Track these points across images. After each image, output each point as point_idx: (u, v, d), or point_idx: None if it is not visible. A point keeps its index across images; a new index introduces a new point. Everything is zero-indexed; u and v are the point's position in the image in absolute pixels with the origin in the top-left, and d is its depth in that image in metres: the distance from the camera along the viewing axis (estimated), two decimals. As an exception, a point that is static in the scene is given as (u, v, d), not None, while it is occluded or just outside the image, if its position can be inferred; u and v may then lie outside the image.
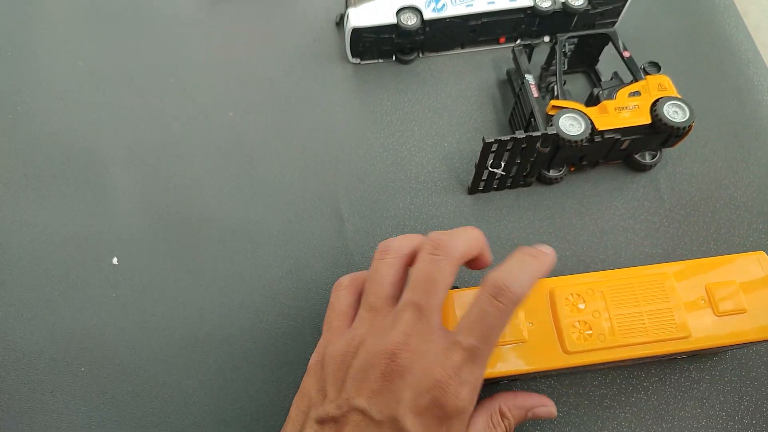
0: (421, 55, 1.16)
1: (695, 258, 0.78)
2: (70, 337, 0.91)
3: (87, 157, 1.05)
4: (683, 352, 0.76)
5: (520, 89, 1.00)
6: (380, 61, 1.16)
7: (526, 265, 0.63)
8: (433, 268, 0.64)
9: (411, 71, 1.15)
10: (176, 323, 0.92)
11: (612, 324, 0.73)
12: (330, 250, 0.97)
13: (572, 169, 1.02)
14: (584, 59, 1.11)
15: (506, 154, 0.91)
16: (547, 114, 0.96)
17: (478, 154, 0.91)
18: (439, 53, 1.17)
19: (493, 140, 0.86)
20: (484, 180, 0.97)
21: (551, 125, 0.90)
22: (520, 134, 0.86)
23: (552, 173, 1.00)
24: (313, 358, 0.69)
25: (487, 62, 1.16)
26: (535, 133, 0.87)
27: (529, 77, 1.00)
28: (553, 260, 0.66)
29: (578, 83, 1.12)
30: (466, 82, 1.14)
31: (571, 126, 0.91)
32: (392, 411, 0.58)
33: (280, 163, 1.05)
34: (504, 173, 0.94)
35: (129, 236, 0.99)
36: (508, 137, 0.86)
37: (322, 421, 0.62)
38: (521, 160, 0.93)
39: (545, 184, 1.02)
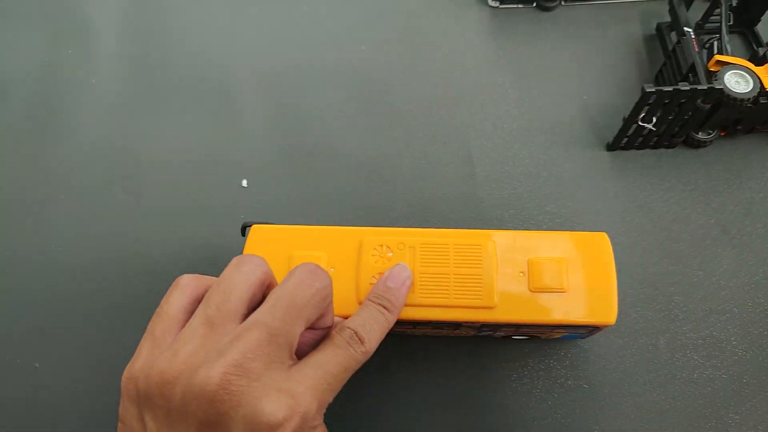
0: (563, 2, 1.10)
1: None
2: (199, 250, 0.93)
3: (222, 81, 1.06)
4: (490, 324, 0.70)
5: (678, 42, 0.93)
6: (520, 6, 1.11)
7: (381, 320, 0.63)
8: (308, 289, 0.54)
9: (551, 19, 1.10)
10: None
11: (414, 282, 0.69)
12: (459, 194, 0.95)
13: (723, 133, 0.95)
14: (744, 19, 1.02)
15: (661, 109, 0.86)
16: (708, 70, 0.89)
17: (628, 107, 0.86)
18: (583, 2, 1.10)
19: (653, 90, 0.81)
20: (628, 136, 0.92)
21: (716, 79, 0.84)
22: (684, 86, 0.81)
23: (701, 135, 0.93)
24: (126, 375, 0.55)
25: (634, 15, 1.09)
26: (700, 87, 0.81)
27: (689, 30, 0.93)
28: (403, 300, 0.66)
29: (733, 44, 1.04)
30: (610, 34, 1.08)
31: (737, 83, 0.84)
32: None
33: (409, 100, 1.03)
34: (654, 129, 0.89)
35: (258, 160, 0.99)
36: (670, 88, 0.81)
37: None
38: (675, 117, 0.87)
39: (691, 147, 0.96)
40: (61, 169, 1.00)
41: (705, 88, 0.81)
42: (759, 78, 0.84)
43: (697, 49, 0.91)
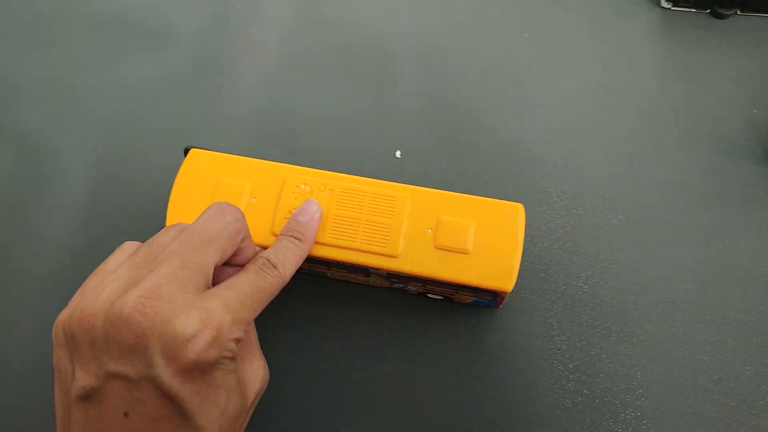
0: (739, 12, 1.06)
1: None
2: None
3: (382, 54, 1.07)
4: (397, 275, 0.74)
5: None
6: (693, 10, 1.07)
7: (293, 249, 0.68)
8: (215, 222, 0.60)
9: (725, 27, 1.07)
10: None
11: (327, 222, 0.74)
12: (616, 187, 0.93)
13: None
14: None
15: None
16: None
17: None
18: (760, 14, 1.06)
19: None
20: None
21: None
22: None
23: None
24: (56, 323, 0.58)
25: (819, 35, 1.04)
26: None
27: None
28: (315, 232, 0.71)
29: None
30: (788, 49, 1.03)
31: None
32: (147, 370, 0.51)
33: (561, 93, 1.01)
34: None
35: (412, 131, 1.00)
36: None
37: (84, 398, 0.54)
38: None
39: None
40: (218, 123, 1.02)
41: None
42: None
43: None
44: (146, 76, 1.07)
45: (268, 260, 0.64)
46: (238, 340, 0.56)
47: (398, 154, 0.99)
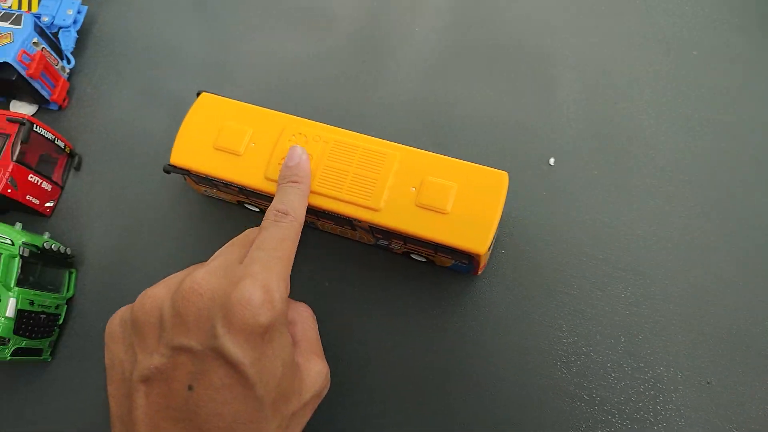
0: None
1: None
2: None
3: (540, 53, 1.05)
4: (380, 230, 0.77)
5: None
6: None
7: (295, 192, 0.73)
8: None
9: None
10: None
11: (317, 171, 0.78)
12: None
13: None
14: None
15: None
16: None
17: None
18: None
19: None
20: None
21: None
22: None
23: None
24: (114, 321, 0.64)
25: None
26: None
27: None
28: (308, 171, 0.76)
29: None
30: None
31: None
32: (210, 340, 0.56)
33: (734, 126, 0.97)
34: None
35: (567, 141, 0.98)
36: None
37: (147, 380, 0.57)
38: None
39: None
40: (366, 108, 1.03)
41: None
42: None
43: None
44: (302, 53, 1.08)
45: (277, 211, 0.69)
46: (285, 296, 0.61)
47: (552, 161, 0.97)
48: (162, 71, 1.10)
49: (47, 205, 0.99)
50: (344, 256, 0.92)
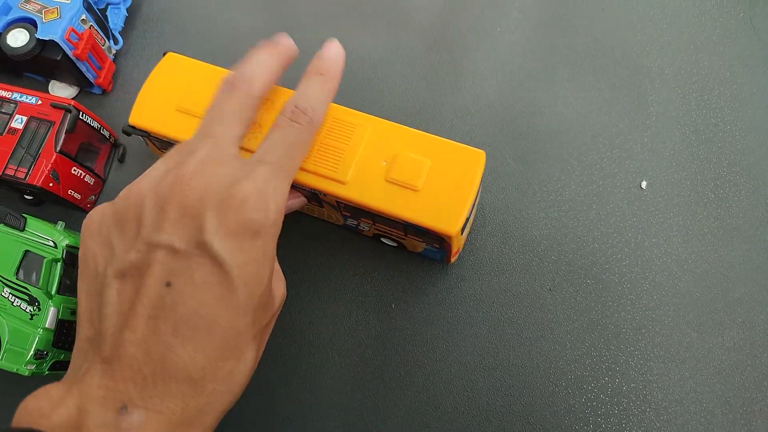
0: None
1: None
2: (571, 242, 0.87)
3: (635, 65, 0.96)
4: (348, 207, 0.73)
5: None
6: None
7: (320, 87, 0.67)
8: (227, 101, 0.62)
9: None
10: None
11: None
12: None
13: None
14: None
15: None
16: None
17: None
18: None
19: None
20: None
21: None
22: None
23: None
24: (92, 216, 0.60)
25: None
26: None
27: None
28: (339, 70, 0.70)
29: None
30: None
31: None
32: (197, 236, 0.53)
33: None
34: None
35: (662, 163, 0.89)
36: None
37: (122, 275, 0.54)
38: None
39: None
40: (444, 114, 0.95)
41: None
42: None
43: None
44: (372, 49, 0.99)
45: (296, 107, 0.64)
46: (282, 207, 0.58)
47: (644, 184, 0.88)
48: (217, 59, 0.99)
49: (89, 199, 0.91)
50: (308, 232, 0.88)
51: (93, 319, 0.56)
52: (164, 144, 0.80)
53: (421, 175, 0.70)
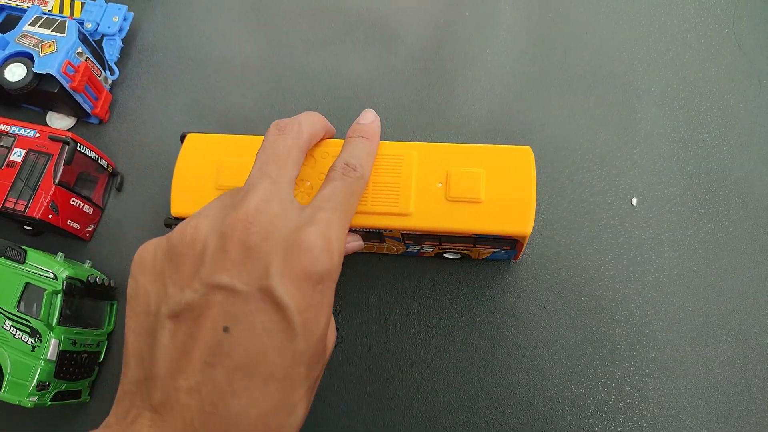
0: None
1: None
2: (564, 260, 0.88)
3: (625, 83, 0.97)
4: (412, 235, 0.74)
5: None
6: None
7: (365, 147, 0.69)
8: (279, 142, 0.63)
9: None
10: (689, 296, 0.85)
11: None
12: None
13: None
14: None
15: None
16: None
17: None
18: None
19: None
20: None
21: None
22: None
23: None
24: (145, 251, 0.58)
25: None
26: None
27: None
28: (378, 133, 0.72)
29: None
30: None
31: None
32: (260, 280, 0.51)
33: None
34: None
35: (652, 179, 0.91)
36: None
37: (176, 315, 0.52)
38: None
39: None
40: (436, 137, 0.96)
41: None
42: None
43: None
44: (364, 73, 1.01)
45: (346, 164, 0.65)
46: (342, 252, 0.57)
47: (634, 201, 0.89)
48: (212, 85, 1.02)
49: (87, 229, 0.92)
50: (368, 269, 0.89)
51: (143, 360, 0.53)
52: None
53: (479, 186, 0.71)
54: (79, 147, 0.87)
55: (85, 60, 0.94)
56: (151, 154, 0.98)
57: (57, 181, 0.84)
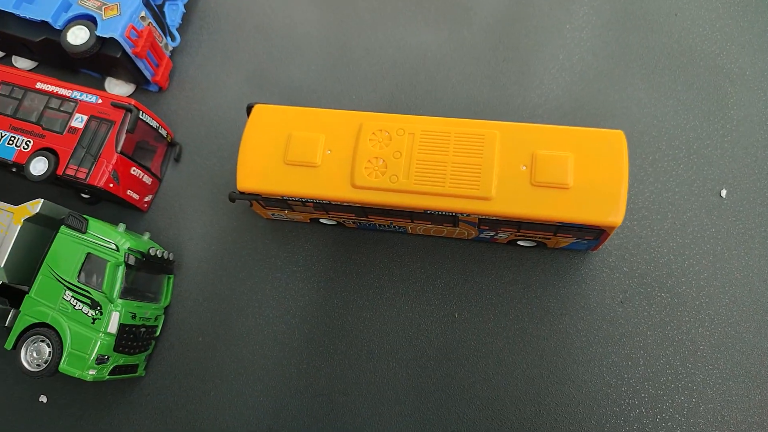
0: None
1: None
2: (645, 253, 0.82)
3: (712, 65, 0.90)
4: (488, 220, 0.69)
5: None
6: None
7: None
8: None
9: None
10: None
11: (410, 168, 0.68)
12: None
13: None
14: None
15: None
16: None
17: None
18: None
19: None
20: None
21: None
22: None
23: None
24: None
25: None
26: None
27: None
28: None
29: None
30: None
31: None
32: None
33: None
34: None
35: (743, 170, 0.84)
36: None
37: None
38: None
39: None
40: (511, 116, 0.91)
41: None
42: None
43: None
44: (434, 46, 0.96)
45: None
46: None
47: (723, 193, 0.83)
48: (274, 55, 0.98)
49: (146, 199, 0.90)
50: (437, 255, 0.85)
51: None
52: (274, 202, 0.77)
53: (567, 171, 0.67)
54: (141, 115, 0.84)
55: (148, 25, 0.90)
56: (211, 124, 0.95)
57: (119, 149, 0.81)
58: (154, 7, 0.94)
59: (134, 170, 0.85)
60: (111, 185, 0.81)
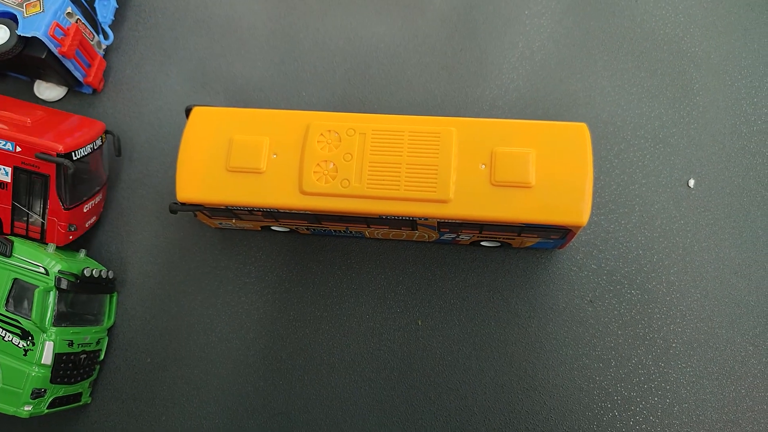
0: None
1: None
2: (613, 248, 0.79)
3: (676, 49, 0.87)
4: (448, 223, 0.66)
5: None
6: None
7: None
8: None
9: None
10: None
11: (362, 171, 0.64)
12: None
13: None
14: None
15: None
16: None
17: None
18: None
19: None
20: None
21: None
22: None
23: None
24: None
25: None
26: None
27: None
28: None
29: None
30: None
31: None
32: None
33: None
34: None
35: (711, 158, 0.82)
36: None
37: None
38: None
39: None
40: (469, 110, 0.86)
41: None
42: None
43: None
44: (387, 36, 0.91)
45: None
46: None
47: (691, 183, 0.81)
48: (217, 51, 0.92)
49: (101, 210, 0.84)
50: (396, 260, 0.80)
51: None
52: (219, 212, 0.72)
53: (529, 169, 0.63)
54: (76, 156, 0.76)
55: (76, 22, 0.83)
56: (152, 127, 0.89)
57: (67, 204, 0.76)
58: (84, 2, 0.86)
59: (86, 206, 0.79)
60: (70, 237, 0.77)
